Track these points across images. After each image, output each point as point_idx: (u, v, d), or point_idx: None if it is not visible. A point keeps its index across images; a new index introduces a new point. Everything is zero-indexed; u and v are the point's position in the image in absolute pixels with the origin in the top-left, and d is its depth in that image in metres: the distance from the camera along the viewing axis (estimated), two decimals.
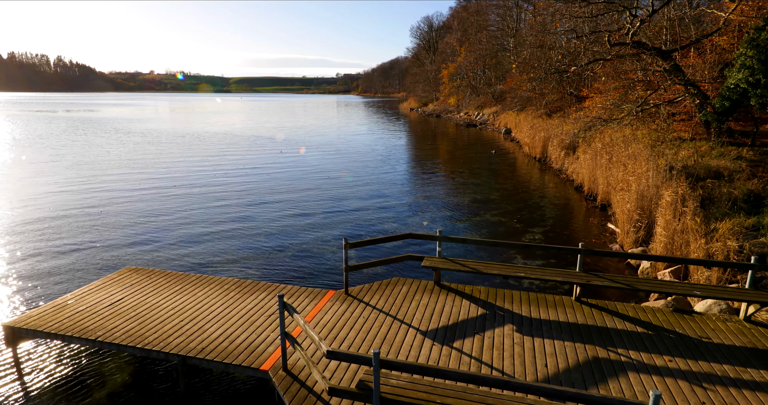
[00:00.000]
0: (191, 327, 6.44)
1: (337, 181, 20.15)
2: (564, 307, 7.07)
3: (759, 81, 15.99)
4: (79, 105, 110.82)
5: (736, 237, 9.41)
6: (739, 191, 11.68)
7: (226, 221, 13.98)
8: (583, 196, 17.31)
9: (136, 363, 6.73)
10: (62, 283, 9.46)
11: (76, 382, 6.31)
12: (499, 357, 5.75)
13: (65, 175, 20.99)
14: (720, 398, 4.97)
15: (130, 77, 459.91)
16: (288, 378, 5.28)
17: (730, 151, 16.83)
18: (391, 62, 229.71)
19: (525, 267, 7.88)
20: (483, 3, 70.71)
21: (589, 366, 5.56)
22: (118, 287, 7.72)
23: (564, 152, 22.41)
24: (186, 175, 21.27)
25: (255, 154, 28.36)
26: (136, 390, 6.15)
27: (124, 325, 6.47)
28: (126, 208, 15.45)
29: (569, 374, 5.41)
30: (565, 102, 35.54)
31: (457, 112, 66.68)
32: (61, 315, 6.75)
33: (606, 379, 5.30)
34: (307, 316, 6.83)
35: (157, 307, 7.04)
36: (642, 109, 21.58)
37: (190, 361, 5.80)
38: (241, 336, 6.22)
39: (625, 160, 13.91)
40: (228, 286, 7.81)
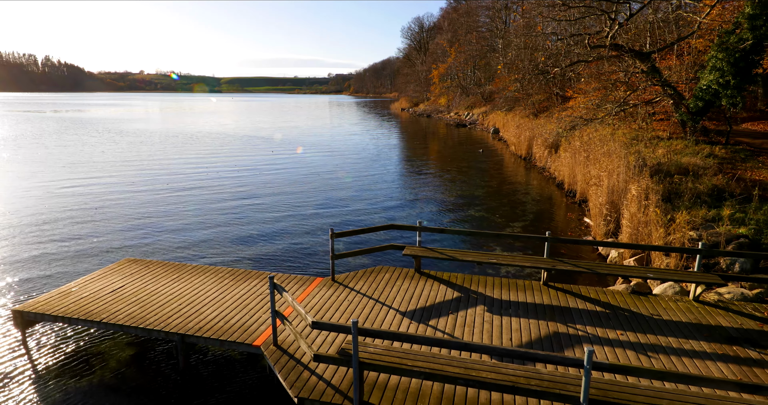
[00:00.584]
0: (189, 310, 6.98)
1: (328, 179, 20.70)
2: (532, 290, 7.72)
3: (729, 82, 16.82)
4: (68, 105, 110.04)
5: (696, 227, 10.15)
6: (704, 186, 12.43)
7: (219, 216, 14.49)
8: (564, 192, 18.04)
9: (138, 343, 7.26)
10: (65, 274, 9.94)
11: (81, 360, 6.83)
12: (470, 333, 6.37)
13: (61, 174, 21.33)
14: (660, 363, 5.63)
15: (120, 77, 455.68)
16: (278, 351, 5.85)
17: (703, 149, 17.65)
18: (383, 62, 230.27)
19: (497, 254, 8.53)
20: (473, 4, 71.65)
21: (549, 339, 6.20)
22: (119, 276, 8.23)
23: (547, 151, 23.15)
24: (180, 174, 21.69)
25: (248, 154, 28.80)
26: (138, 367, 6.69)
27: (127, 309, 6.99)
28: (122, 204, 15.89)
29: (531, 345, 6.04)
30: (552, 102, 36.38)
31: (448, 112, 67.45)
32: (67, 301, 7.25)
33: (563, 349, 5.94)
34: (296, 300, 7.40)
35: (156, 293, 7.57)
36: (622, 109, 22.38)
37: (188, 340, 6.35)
38: (236, 317, 6.77)
39: (601, 157, 14.64)
40: (222, 274, 8.36)
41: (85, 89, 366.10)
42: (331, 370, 5.42)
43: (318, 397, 5.00)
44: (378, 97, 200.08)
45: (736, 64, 16.53)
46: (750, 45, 16.17)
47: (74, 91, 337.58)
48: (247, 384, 6.34)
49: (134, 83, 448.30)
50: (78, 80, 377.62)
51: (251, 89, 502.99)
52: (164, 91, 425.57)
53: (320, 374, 5.36)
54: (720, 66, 16.76)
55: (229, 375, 6.54)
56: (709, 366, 5.58)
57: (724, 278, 7.31)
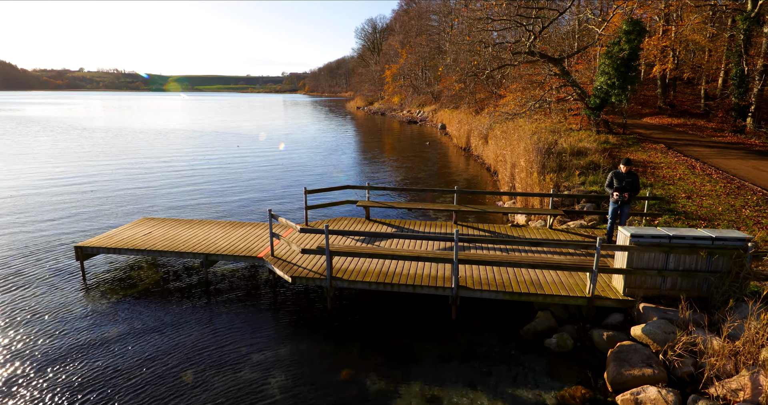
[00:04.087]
0: (206, 242, 9.88)
1: (296, 165, 23.59)
2: (446, 227, 11.18)
3: (614, 83, 21.31)
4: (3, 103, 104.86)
5: (568, 187, 14.05)
6: (584, 162, 16.52)
7: (210, 188, 17.20)
8: (490, 173, 21.93)
9: (170, 265, 10.08)
10: (100, 228, 12.55)
11: (128, 279, 9.58)
12: (400, 247, 9.71)
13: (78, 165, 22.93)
14: (519, 255, 9.20)
15: (58, 75, 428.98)
16: (275, 258, 8.93)
17: (600, 137, 22.07)
18: (338, 62, 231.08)
19: (422, 203, 11.96)
20: (422, 8, 75.88)
21: (452, 248, 9.64)
22: (144, 227, 10.95)
23: (481, 141, 27.12)
24: (159, 168, 23.85)
25: (217, 149, 31.04)
26: (172, 281, 9.53)
27: (160, 242, 9.80)
28: (119, 186, 18.17)
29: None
30: (491, 100, 40.83)
31: (401, 110, 71.29)
32: (113, 240, 9.95)
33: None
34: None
35: (176, 235, 10.39)
36: (540, 105, 26.70)
37: (211, 258, 9.29)
38: (241, 245, 9.76)
39: (513, 142, 18.51)
40: (223, 224, 11.25)
41: (18, 87, 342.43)
42: (311, 261, 8.59)
43: (305, 275, 8.15)
44: (333, 96, 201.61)
45: (619, 69, 21.02)
46: (627, 54, 20.68)
47: (5, 90, 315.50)
48: (252, 286, 9.36)
49: (74, 81, 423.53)
50: (9, 78, 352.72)
51: (202, 88, 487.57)
52: (107, 90, 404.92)
53: (304, 265, 8.51)
54: (607, 70, 21.22)
55: (240, 280, 9.54)
56: (552, 257, 9.21)
57: (567, 213, 11.06)
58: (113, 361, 6.77)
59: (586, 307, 7.43)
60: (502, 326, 7.71)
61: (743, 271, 6.81)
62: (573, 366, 6.59)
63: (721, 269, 6.98)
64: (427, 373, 6.49)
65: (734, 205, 11.52)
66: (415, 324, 7.83)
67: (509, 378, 6.38)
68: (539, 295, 7.47)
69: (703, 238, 7.01)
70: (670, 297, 7.15)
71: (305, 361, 6.82)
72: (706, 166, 15.96)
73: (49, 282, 9.49)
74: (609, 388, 6.03)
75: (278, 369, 6.60)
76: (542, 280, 7.87)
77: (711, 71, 31.61)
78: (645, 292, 7.26)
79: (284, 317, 8.16)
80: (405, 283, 7.80)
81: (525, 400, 5.92)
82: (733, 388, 5.46)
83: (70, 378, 6.39)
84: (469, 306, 8.29)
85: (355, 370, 6.55)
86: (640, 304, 7.10)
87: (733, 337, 6.06)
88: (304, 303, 8.66)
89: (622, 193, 9.03)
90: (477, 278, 7.94)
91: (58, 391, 6.11)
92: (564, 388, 6.11)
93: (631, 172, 9.16)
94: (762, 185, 13.36)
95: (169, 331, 7.62)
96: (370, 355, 6.95)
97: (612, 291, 7.52)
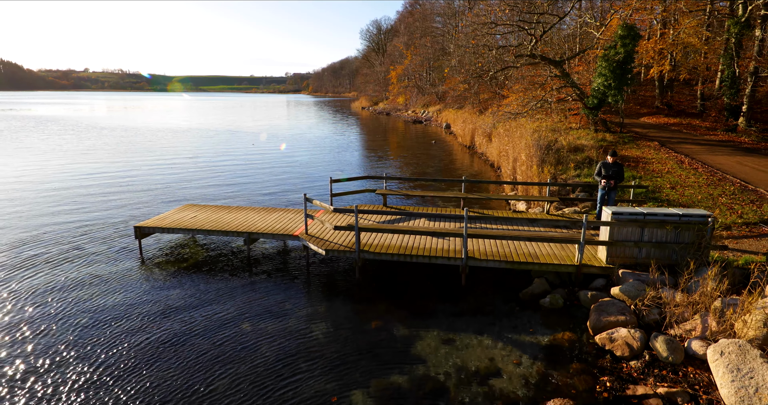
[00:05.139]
0: (246, 223, 11.35)
1: (310, 160, 25.08)
2: (455, 212, 12.61)
3: (611, 84, 22.67)
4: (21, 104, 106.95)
5: (564, 179, 15.46)
6: (581, 157, 17.92)
7: (237, 180, 18.77)
8: (494, 168, 23.35)
9: (214, 244, 11.56)
10: (150, 213, 14.05)
11: (180, 255, 11.07)
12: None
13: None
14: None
15: (63, 75, 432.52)
16: (309, 236, 10.38)
17: (599, 135, 23.45)
18: (341, 62, 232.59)
19: (434, 191, 13.41)
20: (427, 10, 77.30)
21: (462, 228, 11.08)
22: (189, 212, 12.43)
23: (485, 139, 28.52)
24: (187, 163, 25.40)
25: (235, 146, 32.58)
26: (217, 256, 11.01)
27: (207, 223, 11.28)
28: (155, 177, 19.72)
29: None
30: (495, 100, 42.23)
31: (405, 110, 72.74)
32: (165, 222, 11.43)
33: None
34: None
35: (220, 218, 11.86)
36: (541, 105, 28.10)
37: (252, 235, 10.76)
38: (278, 225, 11.22)
39: (515, 140, 19.91)
40: (258, 210, 12.71)
41: (24, 87, 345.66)
42: (341, 237, 10.05)
43: (337, 248, 9.61)
44: (337, 96, 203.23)
45: (615, 71, 22.38)
46: (622, 57, 22.05)
47: (11, 90, 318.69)
48: (288, 260, 10.83)
49: (79, 81, 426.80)
50: (16, 78, 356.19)
51: (206, 88, 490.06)
52: (112, 90, 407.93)
53: (335, 241, 9.97)
54: (604, 72, 22.59)
55: (277, 254, 11.01)
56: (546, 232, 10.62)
57: (562, 200, 12.47)
58: (173, 323, 8.24)
59: (575, 274, 8.85)
60: (504, 290, 9.15)
61: (704, 241, 8.22)
62: (562, 318, 8.01)
63: (687, 241, 8.39)
64: (442, 324, 7.93)
65: (713, 194, 12.91)
66: (431, 289, 9.27)
67: (510, 327, 7.81)
68: (536, 264, 8.89)
69: (672, 215, 8.42)
70: (644, 264, 8.57)
71: (341, 315, 8.28)
72: (694, 162, 17.33)
73: (113, 257, 10.99)
74: (590, 332, 7.46)
75: (319, 321, 8.06)
76: (538, 252, 9.30)
77: (706, 73, 32.91)
78: (624, 261, 8.68)
79: (318, 285, 9.62)
80: (422, 255, 9.25)
81: (523, 342, 7.36)
82: (687, 328, 6.89)
83: (133, 336, 7.87)
84: (477, 274, 9.74)
85: (383, 322, 8.00)
86: (620, 270, 8.52)
87: (693, 292, 7.47)
88: (335, 273, 10.12)
89: (608, 181, 10.44)
90: (483, 250, 9.38)
91: (124, 348, 7.59)
92: (555, 334, 7.54)
93: (616, 163, 10.58)
94: (741, 178, 14.73)
95: (219, 296, 9.08)
96: (394, 311, 8.39)
97: (596, 260, 8.95)
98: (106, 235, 12.53)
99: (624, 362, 6.63)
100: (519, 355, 6.96)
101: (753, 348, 5.80)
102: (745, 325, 6.29)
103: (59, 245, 11.78)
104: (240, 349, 7.17)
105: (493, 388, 6.21)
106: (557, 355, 6.97)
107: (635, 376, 6.30)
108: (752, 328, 6.19)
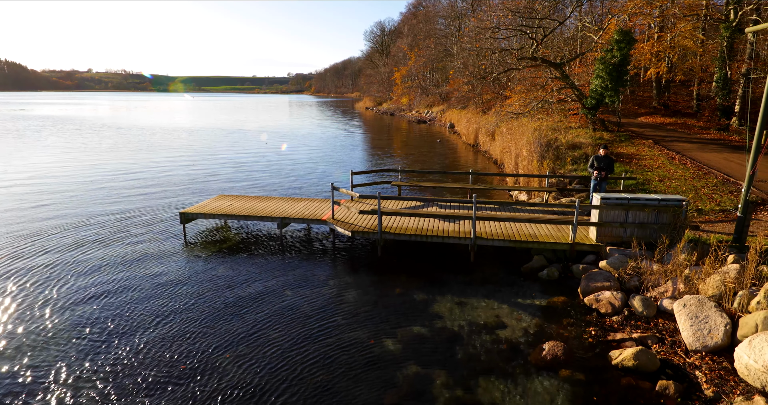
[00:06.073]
0: (279, 210, 12.76)
1: (323, 156, 26.53)
2: (463, 202, 14.02)
3: (607, 86, 24.03)
4: (11, 104, 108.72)
5: (562, 173, 16.84)
6: (578, 153, 19.29)
7: (260, 174, 20.20)
8: (497, 165, 24.74)
9: (250, 229, 13.00)
10: (188, 202, 15.48)
11: (219, 237, 12.50)
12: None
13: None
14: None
15: (67, 75, 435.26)
16: (336, 220, 11.79)
17: (596, 134, 24.80)
18: (344, 63, 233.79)
19: (444, 182, 14.79)
20: (430, 12, 78.70)
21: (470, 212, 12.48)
22: (225, 201, 13.86)
23: (489, 138, 29.91)
24: (209, 159, 26.88)
25: (248, 144, 34.06)
26: (253, 239, 12.43)
27: (243, 210, 12.71)
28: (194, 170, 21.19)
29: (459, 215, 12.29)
30: (498, 101, 43.61)
31: (409, 110, 74.15)
32: (207, 208, 12.87)
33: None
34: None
35: (253, 206, 13.29)
36: (542, 105, 29.49)
37: (285, 220, 12.18)
38: (307, 212, 12.63)
39: (517, 137, 21.31)
40: (286, 199, 14.14)
41: (28, 88, 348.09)
42: (365, 221, 11.46)
43: (361, 230, 11.01)
44: (340, 96, 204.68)
45: (611, 73, 23.75)
46: (618, 60, 23.41)
47: (16, 90, 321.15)
48: (316, 242, 12.25)
49: (83, 82, 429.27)
50: (20, 78, 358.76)
51: (208, 88, 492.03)
52: (115, 90, 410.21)
53: (359, 224, 11.38)
54: (601, 74, 23.95)
55: (306, 236, 12.43)
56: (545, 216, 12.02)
57: (560, 191, 13.85)
58: (226, 291, 9.66)
59: (569, 251, 10.24)
60: (508, 265, 10.55)
61: (679, 222, 9.60)
62: (558, 287, 9.41)
63: (665, 221, 9.78)
64: (455, 291, 9.33)
65: (696, 186, 14.29)
66: (444, 264, 10.67)
67: (512, 294, 9.21)
68: (535, 243, 10.28)
69: (652, 200, 9.81)
70: (628, 242, 9.94)
71: (367, 284, 9.69)
72: (684, 158, 18.69)
73: (159, 239, 12.43)
74: (580, 296, 8.85)
75: (350, 289, 9.47)
76: (537, 233, 10.70)
77: (701, 74, 34.24)
78: (611, 239, 10.07)
79: (345, 262, 11.03)
80: (436, 235, 10.65)
81: (524, 304, 8.75)
82: (661, 291, 8.28)
83: (190, 301, 9.30)
84: (484, 252, 11.14)
85: (404, 289, 9.40)
86: (607, 247, 9.91)
87: (667, 263, 8.85)
88: (359, 253, 11.53)
89: (600, 172, 11.83)
90: (489, 231, 10.78)
91: (182, 312, 9.02)
92: (550, 298, 8.93)
93: (607, 156, 11.97)
94: (726, 172, 16.10)
95: (259, 270, 10.50)
96: (413, 281, 9.80)
97: (588, 239, 10.34)
98: (148, 222, 13.99)
99: (607, 318, 8.03)
100: (520, 313, 8.36)
101: (709, 301, 7.18)
102: (705, 286, 7.67)
103: (110, 230, 13.24)
104: (287, 309, 8.58)
105: (499, 336, 7.62)
106: (552, 313, 8.36)
107: (616, 326, 7.70)
108: (711, 287, 7.57)
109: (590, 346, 7.24)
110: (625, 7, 30.07)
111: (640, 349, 6.59)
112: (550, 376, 6.53)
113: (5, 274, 10.07)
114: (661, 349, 6.92)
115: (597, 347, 7.19)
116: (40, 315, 8.35)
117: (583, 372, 6.60)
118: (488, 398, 6.12)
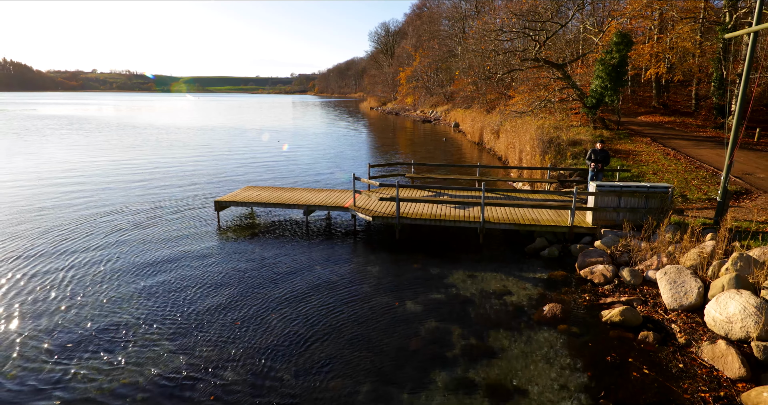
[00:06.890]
0: (304, 199, 14.02)
1: (336, 154, 27.82)
2: (472, 191, 15.24)
3: (607, 86, 25.20)
4: (18, 104, 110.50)
5: (563, 166, 18.05)
6: (578, 149, 20.49)
7: (279, 168, 21.51)
8: (501, 162, 25.96)
9: (277, 216, 14.28)
10: (219, 192, 16.77)
11: (250, 225, 13.77)
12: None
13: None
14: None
15: (72, 76, 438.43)
16: (357, 207, 13.05)
17: (597, 132, 25.97)
18: (347, 63, 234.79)
19: (453, 175, 16.02)
20: (434, 13, 79.93)
21: (475, 199, 13.70)
22: (253, 191, 15.14)
23: (493, 136, 31.11)
24: (228, 156, 28.20)
25: (263, 143, 35.39)
26: (281, 225, 13.70)
27: (272, 199, 13.97)
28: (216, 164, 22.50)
29: (470, 203, 13.53)
30: (502, 100, 44.81)
31: (414, 110, 75.39)
32: (239, 197, 14.15)
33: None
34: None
35: (280, 195, 14.55)
36: (545, 104, 30.67)
37: (311, 208, 13.45)
38: (330, 200, 13.89)
39: (521, 135, 22.52)
40: (309, 190, 15.39)
41: (33, 88, 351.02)
42: (384, 207, 12.71)
43: (381, 215, 12.27)
44: (343, 97, 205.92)
45: (610, 74, 24.93)
46: (617, 61, 24.59)
47: (21, 91, 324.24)
48: (338, 226, 13.50)
49: (87, 82, 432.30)
50: (25, 79, 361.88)
51: (212, 89, 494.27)
52: (120, 91, 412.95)
53: (378, 210, 12.63)
54: (601, 75, 25.14)
55: (329, 222, 13.69)
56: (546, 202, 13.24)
57: (561, 182, 15.06)
58: (261, 271, 10.93)
59: (568, 233, 11.47)
60: (513, 246, 11.79)
61: (665, 206, 10.82)
62: (557, 263, 10.64)
63: (653, 206, 10.98)
64: (466, 267, 10.57)
65: (687, 178, 15.48)
66: (456, 245, 11.91)
67: (517, 269, 10.44)
68: (538, 226, 11.51)
69: (641, 187, 11.02)
70: (621, 225, 11.16)
71: (388, 262, 10.94)
72: (678, 154, 19.86)
73: (194, 225, 13.72)
74: (577, 270, 10.08)
75: (373, 265, 10.72)
76: (540, 217, 11.92)
77: (699, 74, 35.36)
78: (605, 222, 11.28)
79: (367, 243, 12.28)
80: (448, 220, 11.89)
81: (528, 277, 9.98)
82: (647, 264, 9.50)
83: (226, 277, 10.57)
84: (491, 235, 12.38)
85: (421, 265, 10.65)
86: (602, 230, 11.12)
87: (653, 241, 10.07)
88: (378, 236, 12.79)
89: (596, 164, 13.04)
90: (496, 216, 12.01)
91: (217, 288, 10.30)
92: (551, 272, 10.16)
93: (603, 149, 13.18)
94: (716, 166, 17.26)
95: (289, 251, 11.75)
96: (429, 259, 11.04)
97: (584, 222, 11.56)
98: (181, 209, 15.30)
99: (600, 286, 9.26)
100: (524, 284, 9.60)
101: (687, 270, 8.40)
102: (684, 258, 8.89)
103: (147, 216, 14.55)
104: (318, 280, 9.85)
105: (506, 301, 8.86)
106: (552, 283, 9.60)
107: (607, 293, 8.93)
108: (689, 259, 8.79)
109: (584, 307, 8.47)
110: (625, 9, 31.27)
111: (626, 308, 7.81)
112: (550, 330, 7.76)
113: (70, 251, 11.38)
114: (644, 309, 8.14)
115: (590, 308, 8.42)
116: (106, 286, 9.64)
117: (577, 326, 7.83)
118: (498, 345, 7.36)
